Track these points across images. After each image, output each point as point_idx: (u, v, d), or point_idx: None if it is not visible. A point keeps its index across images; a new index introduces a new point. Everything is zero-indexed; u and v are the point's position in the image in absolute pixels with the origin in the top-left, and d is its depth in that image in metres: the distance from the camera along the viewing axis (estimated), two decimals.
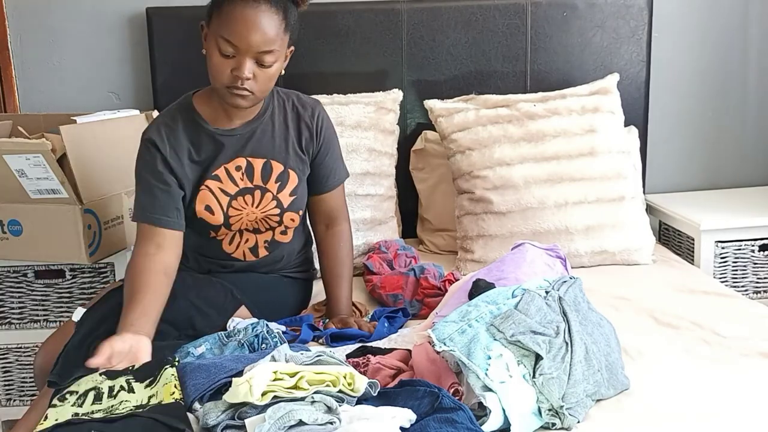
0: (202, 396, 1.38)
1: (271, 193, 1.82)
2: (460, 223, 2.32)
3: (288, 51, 1.76)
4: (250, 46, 1.64)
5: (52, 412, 1.36)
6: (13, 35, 2.58)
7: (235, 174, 1.81)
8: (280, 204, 1.83)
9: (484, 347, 1.38)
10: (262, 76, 1.69)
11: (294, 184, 1.84)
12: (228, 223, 1.81)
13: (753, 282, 2.44)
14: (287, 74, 2.51)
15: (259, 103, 1.81)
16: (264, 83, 1.71)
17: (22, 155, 1.99)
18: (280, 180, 1.83)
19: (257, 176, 1.82)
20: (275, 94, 1.87)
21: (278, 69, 1.72)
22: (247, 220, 1.83)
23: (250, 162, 1.81)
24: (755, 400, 1.44)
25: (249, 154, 1.81)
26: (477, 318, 1.45)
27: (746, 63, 2.78)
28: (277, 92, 1.88)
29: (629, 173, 2.31)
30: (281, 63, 1.73)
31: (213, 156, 1.80)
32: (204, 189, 1.79)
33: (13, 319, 2.29)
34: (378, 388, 1.37)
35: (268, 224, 1.86)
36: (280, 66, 1.73)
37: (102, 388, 1.41)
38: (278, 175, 1.83)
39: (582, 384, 1.39)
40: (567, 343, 1.42)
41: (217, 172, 1.80)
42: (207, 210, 1.80)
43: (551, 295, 1.52)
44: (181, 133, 1.79)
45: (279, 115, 1.85)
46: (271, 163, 1.82)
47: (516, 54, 2.57)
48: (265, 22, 1.64)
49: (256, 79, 1.68)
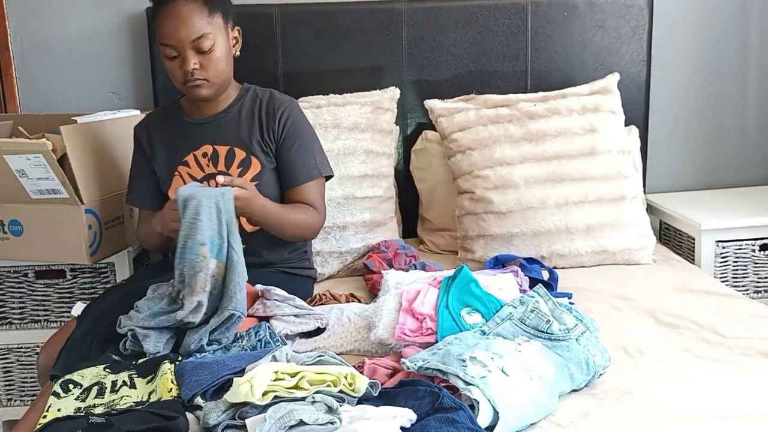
0: (205, 392, 1.38)
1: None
2: (460, 222, 2.32)
3: (233, 32, 1.92)
4: (181, 40, 1.81)
5: (55, 402, 1.38)
6: (13, 35, 2.59)
7: (202, 160, 1.94)
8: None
9: (456, 356, 1.43)
10: (209, 62, 1.83)
11: (256, 170, 1.92)
12: None
13: (753, 282, 2.44)
14: (287, 74, 2.54)
15: (226, 92, 1.95)
16: (214, 67, 1.85)
17: (22, 155, 1.99)
18: (241, 166, 1.92)
19: (221, 163, 1.93)
20: (251, 91, 2.00)
21: (224, 51, 1.86)
22: None
23: (216, 149, 1.93)
24: (756, 399, 1.44)
25: (214, 142, 1.94)
26: (445, 344, 1.52)
27: (747, 62, 2.78)
28: (255, 89, 2.01)
29: (630, 173, 2.31)
30: (224, 44, 1.86)
31: (184, 143, 1.95)
32: (176, 174, 1.95)
33: (14, 319, 2.30)
34: (379, 388, 1.37)
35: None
36: (225, 48, 1.86)
37: (105, 383, 1.44)
38: (240, 161, 1.92)
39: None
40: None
41: (186, 159, 1.95)
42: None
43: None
44: (161, 124, 2.00)
45: (247, 108, 1.97)
46: (235, 150, 1.93)
47: (516, 54, 2.57)
48: (185, 14, 1.80)
49: (204, 66, 1.83)
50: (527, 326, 1.58)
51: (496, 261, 2.11)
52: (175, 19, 1.80)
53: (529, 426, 1.36)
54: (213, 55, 1.83)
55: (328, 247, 2.23)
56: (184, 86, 1.87)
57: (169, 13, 1.81)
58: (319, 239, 2.20)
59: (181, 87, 1.89)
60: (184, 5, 1.81)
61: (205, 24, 1.81)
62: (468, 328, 1.59)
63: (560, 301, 1.66)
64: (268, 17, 2.50)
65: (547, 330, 1.56)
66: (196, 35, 1.80)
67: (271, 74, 2.52)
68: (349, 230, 2.25)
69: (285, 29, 2.52)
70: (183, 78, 1.84)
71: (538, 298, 1.64)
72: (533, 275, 1.97)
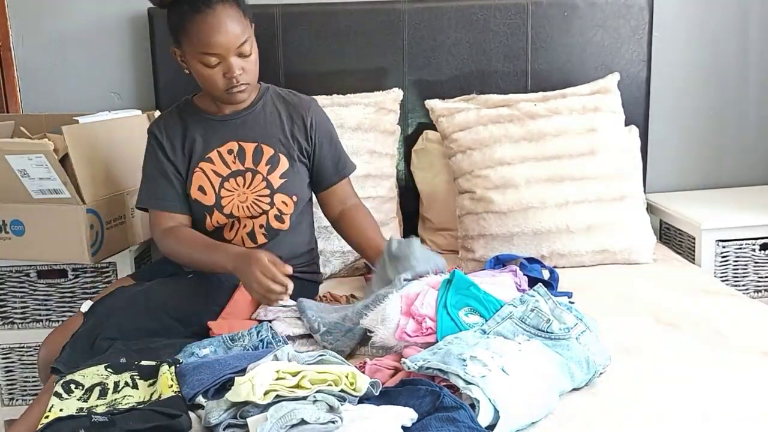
0: (206, 391, 1.39)
1: (262, 174, 1.89)
2: (461, 222, 2.33)
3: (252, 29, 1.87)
4: (229, 48, 1.75)
5: (57, 403, 1.39)
6: (15, 36, 2.59)
7: (227, 157, 1.89)
8: (270, 185, 1.89)
9: (456, 355, 1.43)
10: (250, 65, 1.81)
11: (284, 167, 1.90)
12: (220, 204, 1.88)
13: (754, 281, 2.45)
14: (288, 74, 2.54)
15: (253, 92, 1.92)
16: (254, 70, 1.83)
17: (24, 155, 1.99)
18: (270, 163, 1.90)
19: (248, 159, 1.89)
20: (271, 89, 1.98)
21: (257, 51, 1.84)
22: (238, 201, 1.88)
23: (242, 146, 1.90)
24: (756, 399, 1.44)
25: (240, 138, 1.90)
26: (446, 344, 1.52)
27: (747, 62, 2.79)
28: (274, 88, 1.99)
29: (630, 172, 2.32)
30: (256, 44, 1.84)
31: (206, 141, 1.90)
32: (198, 171, 1.89)
33: (16, 318, 2.30)
34: (380, 388, 1.38)
35: (259, 207, 1.89)
36: (256, 48, 1.84)
37: (108, 383, 1.44)
38: (269, 158, 1.90)
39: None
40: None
41: (210, 155, 1.89)
42: (200, 191, 1.89)
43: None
44: (178, 123, 1.92)
45: (272, 105, 1.95)
46: (262, 147, 1.90)
47: (517, 53, 2.58)
48: (228, 21, 1.74)
49: (246, 70, 1.80)
50: (527, 325, 1.58)
51: (497, 260, 2.11)
52: (219, 27, 1.72)
53: (530, 425, 1.36)
54: (252, 57, 1.80)
55: (330, 247, 2.24)
56: (227, 93, 1.81)
57: (210, 20, 1.72)
58: (321, 238, 2.21)
59: (221, 94, 1.82)
60: (224, 11, 1.73)
61: (245, 27, 1.77)
62: (467, 328, 1.60)
63: (560, 301, 1.67)
64: (269, 17, 2.51)
65: (548, 329, 1.57)
66: (240, 41, 1.75)
67: (272, 74, 2.52)
68: None
69: (286, 29, 2.52)
70: (226, 85, 1.79)
71: (539, 297, 1.65)
72: (534, 275, 1.97)
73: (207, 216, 1.90)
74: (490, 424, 1.31)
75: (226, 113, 1.92)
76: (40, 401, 1.59)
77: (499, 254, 2.14)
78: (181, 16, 1.76)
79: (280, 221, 1.93)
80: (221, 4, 1.73)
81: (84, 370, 1.49)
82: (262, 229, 1.92)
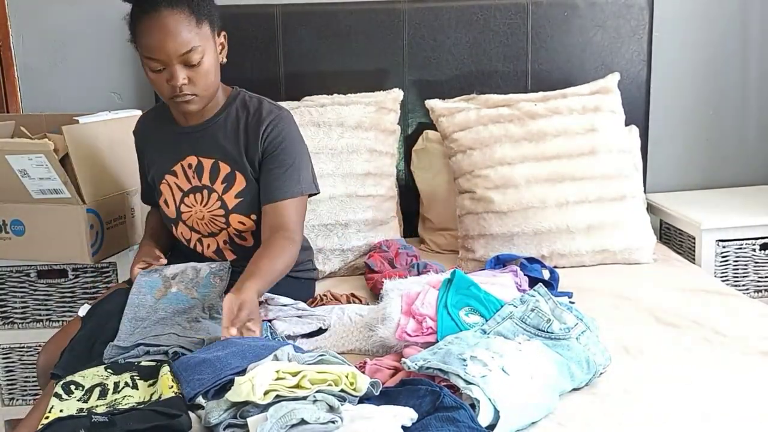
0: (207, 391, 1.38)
1: (217, 193, 1.83)
2: (461, 222, 2.33)
3: (219, 38, 1.77)
4: (170, 55, 1.66)
5: (57, 403, 1.39)
6: (15, 36, 2.59)
7: (188, 171, 1.85)
8: (224, 205, 1.83)
9: (456, 355, 1.43)
10: (198, 76, 1.70)
11: (241, 186, 1.82)
12: (181, 218, 1.88)
13: (754, 281, 2.45)
14: (288, 73, 2.54)
15: (213, 100, 1.81)
16: (203, 81, 1.71)
17: (24, 155, 1.99)
18: (226, 181, 1.82)
19: (206, 176, 1.84)
20: (240, 97, 1.86)
21: (212, 62, 1.72)
22: (196, 218, 1.86)
23: (201, 161, 1.84)
24: (756, 399, 1.45)
25: (200, 153, 1.83)
26: (446, 344, 1.52)
27: (747, 62, 2.79)
28: (244, 96, 1.86)
29: (630, 172, 2.32)
30: (212, 54, 1.72)
31: (171, 153, 1.87)
32: (164, 183, 1.89)
33: (16, 318, 2.30)
34: (380, 387, 1.38)
35: (216, 225, 1.85)
36: (213, 58, 1.72)
37: (108, 384, 1.44)
38: (225, 176, 1.82)
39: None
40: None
41: (174, 168, 1.87)
42: (165, 203, 1.90)
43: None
44: (151, 131, 1.93)
45: (234, 119, 1.83)
46: (219, 164, 1.82)
47: (517, 53, 2.58)
48: (172, 26, 1.64)
49: (193, 80, 1.70)
50: (528, 325, 1.58)
51: (497, 260, 2.11)
52: (162, 31, 1.64)
53: (530, 425, 1.36)
54: (202, 68, 1.69)
55: (330, 244, 2.24)
56: (172, 101, 1.74)
57: (154, 24, 1.64)
58: (321, 236, 2.21)
59: (168, 101, 1.76)
60: (171, 16, 1.64)
61: (194, 36, 1.66)
62: (467, 328, 1.60)
63: (561, 300, 1.67)
64: (270, 17, 2.51)
65: (548, 329, 1.57)
66: (184, 49, 1.65)
67: (272, 74, 2.52)
68: (351, 228, 2.25)
69: (286, 29, 2.52)
70: (170, 92, 1.70)
71: (539, 297, 1.65)
72: (534, 275, 1.97)
73: (173, 226, 1.92)
74: (491, 424, 1.31)
75: (191, 124, 1.84)
76: (40, 405, 1.59)
77: (499, 254, 2.14)
78: (132, 16, 1.72)
79: (241, 239, 1.88)
80: (169, 8, 1.65)
81: (84, 371, 1.49)
82: (227, 245, 1.89)
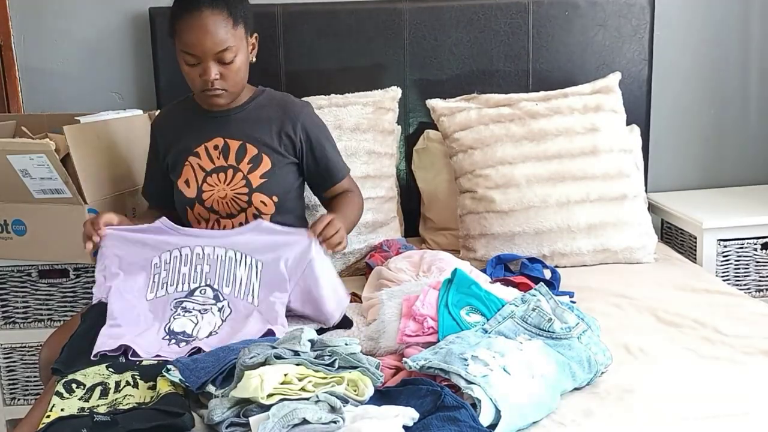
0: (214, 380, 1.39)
1: (242, 173, 1.92)
2: (462, 222, 2.33)
3: (251, 39, 1.92)
4: (206, 51, 1.80)
5: (58, 402, 1.39)
6: (16, 35, 2.59)
7: (212, 152, 1.94)
8: (249, 183, 1.92)
9: (458, 355, 1.44)
10: (229, 73, 1.84)
11: (267, 167, 1.93)
12: (201, 198, 1.93)
13: (755, 280, 2.45)
14: (289, 73, 2.54)
15: (240, 95, 1.94)
16: (233, 78, 1.86)
17: (25, 155, 1.99)
18: (252, 162, 1.93)
19: (232, 156, 1.93)
20: (266, 92, 2.01)
21: (243, 61, 1.87)
22: (218, 196, 1.93)
23: (227, 143, 1.94)
24: (757, 398, 1.45)
25: (227, 135, 1.94)
26: (447, 344, 1.52)
27: (748, 61, 2.78)
28: (270, 91, 2.02)
29: (631, 172, 2.32)
30: (245, 54, 1.88)
31: (196, 135, 1.96)
32: (187, 165, 1.96)
33: (18, 318, 2.30)
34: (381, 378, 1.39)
35: (238, 205, 1.93)
36: (244, 57, 1.87)
37: (109, 383, 1.45)
38: (252, 157, 1.93)
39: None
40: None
41: (198, 150, 1.95)
42: (185, 183, 1.96)
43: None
44: (175, 118, 2.02)
45: (263, 107, 1.97)
46: (246, 146, 1.93)
47: (518, 53, 2.58)
48: (211, 26, 1.79)
49: (224, 77, 1.84)
50: (529, 325, 1.59)
51: (498, 260, 2.11)
52: (201, 29, 1.79)
53: (531, 424, 1.37)
54: (234, 66, 1.84)
55: None
56: (202, 94, 1.87)
57: (195, 22, 1.80)
58: None
59: (198, 94, 1.90)
60: (211, 16, 1.79)
61: (230, 36, 1.81)
62: (468, 327, 1.60)
63: (562, 300, 1.67)
64: (271, 16, 2.51)
65: (549, 328, 1.57)
66: (220, 48, 1.80)
67: (273, 73, 2.52)
68: (352, 231, 2.25)
69: (287, 28, 2.52)
70: (202, 87, 1.85)
71: (540, 296, 1.65)
72: (535, 274, 1.98)
73: (188, 209, 1.96)
74: (492, 423, 1.31)
75: (217, 110, 1.95)
76: (41, 404, 1.59)
77: (500, 254, 2.15)
78: (174, 13, 1.85)
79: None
80: (210, 9, 1.79)
81: (85, 370, 1.49)
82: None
